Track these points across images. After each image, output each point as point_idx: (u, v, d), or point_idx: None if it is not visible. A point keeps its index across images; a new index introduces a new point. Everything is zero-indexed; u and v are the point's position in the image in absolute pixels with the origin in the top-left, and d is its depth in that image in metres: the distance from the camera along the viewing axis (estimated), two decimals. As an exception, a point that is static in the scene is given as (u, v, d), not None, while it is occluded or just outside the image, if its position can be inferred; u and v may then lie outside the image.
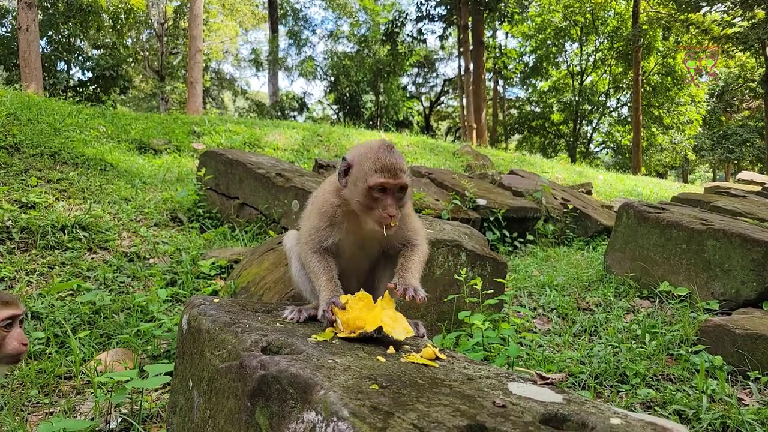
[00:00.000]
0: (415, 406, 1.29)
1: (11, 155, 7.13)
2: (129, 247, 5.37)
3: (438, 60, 42.49)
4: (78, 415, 2.76)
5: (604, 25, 34.10)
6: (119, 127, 11.86)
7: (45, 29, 22.83)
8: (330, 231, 2.18)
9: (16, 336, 1.78)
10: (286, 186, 6.02)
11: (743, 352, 3.33)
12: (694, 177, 43.41)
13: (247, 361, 1.59)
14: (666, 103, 32.53)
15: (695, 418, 2.78)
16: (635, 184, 17.24)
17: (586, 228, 8.35)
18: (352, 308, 1.93)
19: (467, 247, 3.93)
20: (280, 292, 3.45)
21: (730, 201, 8.11)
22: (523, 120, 39.89)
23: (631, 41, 27.38)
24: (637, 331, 3.97)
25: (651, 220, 5.13)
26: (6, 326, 1.75)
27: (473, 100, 27.80)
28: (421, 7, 32.40)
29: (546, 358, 3.45)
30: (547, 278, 5.56)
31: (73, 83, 25.24)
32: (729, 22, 23.48)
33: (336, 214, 2.17)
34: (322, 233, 2.18)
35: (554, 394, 1.51)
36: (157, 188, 7.85)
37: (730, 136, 28.17)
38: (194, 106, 21.64)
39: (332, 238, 2.18)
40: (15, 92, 11.63)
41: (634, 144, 27.75)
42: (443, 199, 7.46)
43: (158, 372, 2.55)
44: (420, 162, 13.84)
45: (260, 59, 39.33)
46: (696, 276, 4.59)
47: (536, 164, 17.34)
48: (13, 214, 5.25)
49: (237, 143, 12.87)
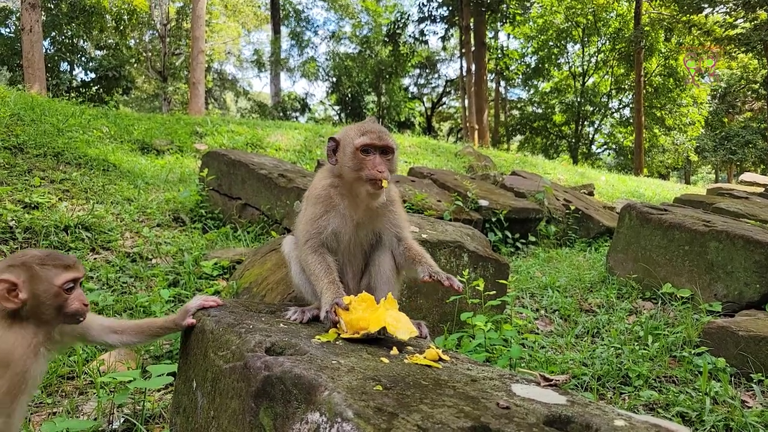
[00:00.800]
0: (419, 408, 1.29)
1: (15, 155, 7.15)
2: (131, 247, 5.37)
3: (440, 61, 42.50)
4: (81, 416, 2.77)
5: (606, 27, 34.04)
6: (122, 127, 11.88)
7: (48, 30, 22.87)
8: (328, 217, 2.25)
9: (77, 296, 1.85)
10: (289, 186, 6.02)
11: (746, 354, 3.32)
12: (697, 178, 43.34)
13: (251, 361, 1.59)
14: (668, 105, 32.47)
15: (698, 420, 2.77)
16: (637, 185, 17.22)
17: (588, 229, 8.34)
18: (355, 309, 1.93)
19: (469, 248, 3.93)
20: (283, 293, 3.45)
21: (733, 202, 8.10)
22: (525, 121, 39.83)
23: (633, 42, 27.33)
24: (639, 333, 3.96)
25: (653, 221, 5.13)
26: (68, 289, 1.82)
27: (475, 101, 27.79)
28: (423, 8, 32.40)
29: (548, 360, 3.45)
30: (550, 279, 5.56)
31: (76, 84, 25.29)
32: (731, 23, 23.42)
33: (331, 195, 2.26)
34: (321, 222, 2.25)
35: (558, 395, 1.51)
36: (159, 189, 7.87)
37: (733, 138, 28.10)
38: (197, 107, 21.67)
39: (331, 226, 2.25)
40: (18, 93, 11.67)
41: (636, 145, 27.71)
42: (445, 200, 7.46)
43: (161, 372, 2.55)
44: (422, 163, 13.84)
45: (262, 60, 39.38)
46: (699, 278, 4.58)
47: (538, 165, 17.33)
48: (16, 214, 5.27)
49: (239, 144, 12.89)
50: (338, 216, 2.25)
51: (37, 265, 1.79)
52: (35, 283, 1.77)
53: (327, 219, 2.24)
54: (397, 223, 2.30)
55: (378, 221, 2.29)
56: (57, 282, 1.79)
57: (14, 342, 1.75)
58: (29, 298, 1.76)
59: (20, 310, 1.76)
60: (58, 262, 1.83)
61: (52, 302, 1.79)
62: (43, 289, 1.78)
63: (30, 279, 1.76)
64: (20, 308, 1.76)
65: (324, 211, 2.25)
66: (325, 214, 2.25)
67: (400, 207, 2.38)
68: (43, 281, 1.78)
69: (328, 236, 2.25)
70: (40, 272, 1.78)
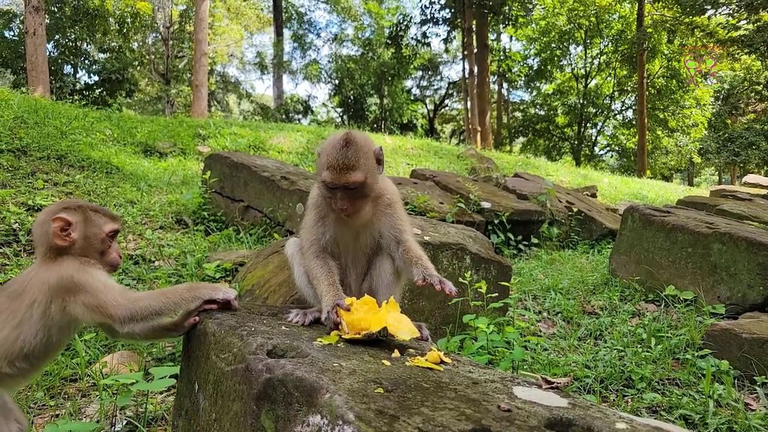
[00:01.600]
0: (420, 410, 1.29)
1: (18, 158, 7.18)
2: (134, 249, 5.39)
3: (442, 63, 42.50)
4: (83, 418, 2.77)
5: (608, 28, 34.04)
6: (125, 130, 11.91)
7: (52, 33, 22.95)
8: (324, 223, 2.26)
9: (116, 248, 2.03)
10: (291, 189, 6.03)
11: (750, 356, 3.31)
12: (700, 180, 43.26)
13: (253, 364, 1.60)
14: (671, 106, 32.42)
15: (701, 422, 2.76)
16: (640, 187, 17.19)
17: (591, 231, 8.33)
18: (356, 311, 1.94)
19: (472, 251, 3.93)
20: (285, 295, 3.45)
21: (736, 204, 8.08)
22: (527, 123, 39.83)
23: (635, 44, 27.30)
24: (642, 335, 3.95)
25: (656, 223, 5.12)
26: (111, 237, 2.00)
27: (477, 103, 27.79)
28: (426, 11, 32.43)
29: (551, 362, 3.44)
30: (552, 281, 5.55)
31: (80, 87, 25.34)
32: (734, 25, 23.36)
33: (321, 204, 2.26)
34: (319, 228, 2.26)
35: (559, 398, 1.51)
36: (162, 191, 7.88)
37: (736, 139, 27.99)
38: (199, 110, 21.73)
39: (328, 233, 2.25)
40: (22, 96, 11.71)
41: (639, 147, 27.67)
42: (447, 202, 7.46)
43: (163, 375, 2.56)
44: (424, 165, 13.84)
45: (265, 62, 39.46)
46: (702, 280, 4.57)
47: (541, 167, 17.32)
48: (20, 216, 5.28)
49: (242, 146, 12.92)
50: (333, 223, 2.25)
51: (90, 211, 1.98)
52: (87, 226, 1.95)
53: (324, 225, 2.26)
54: (395, 225, 2.28)
55: (376, 225, 2.28)
56: (105, 229, 1.99)
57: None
58: (79, 239, 1.92)
59: (68, 248, 1.91)
60: (107, 212, 2.04)
61: (98, 246, 1.97)
62: (93, 233, 1.96)
63: (83, 221, 1.94)
64: (68, 247, 1.91)
65: (319, 218, 2.26)
66: (321, 221, 2.26)
67: (400, 209, 2.35)
68: (94, 225, 1.96)
69: (328, 241, 2.26)
70: (93, 217, 1.98)
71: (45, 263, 1.90)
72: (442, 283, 2.00)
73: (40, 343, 1.84)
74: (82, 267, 1.89)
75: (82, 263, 1.90)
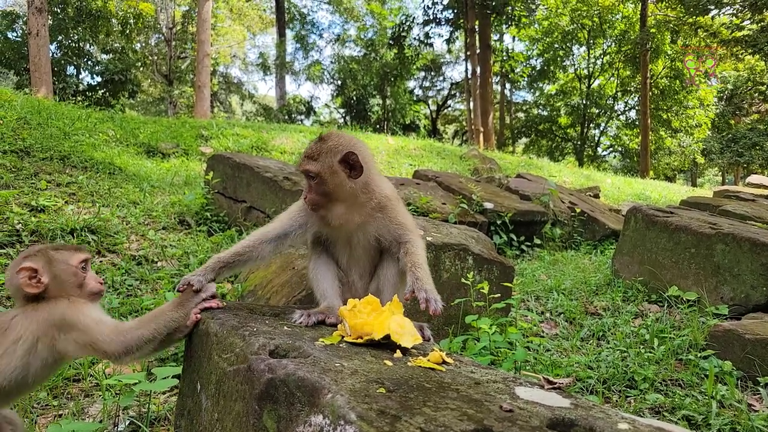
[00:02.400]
0: (422, 410, 1.29)
1: (21, 159, 7.20)
2: (137, 250, 5.40)
3: (445, 63, 42.52)
4: (86, 418, 2.78)
5: (611, 29, 33.99)
6: (128, 130, 11.94)
7: (55, 34, 23.03)
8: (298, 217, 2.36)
9: (92, 276, 2.04)
10: (294, 189, 6.03)
11: (753, 357, 3.30)
12: (703, 180, 43.13)
13: (255, 364, 1.60)
14: (674, 107, 32.36)
15: (704, 423, 2.76)
16: (643, 187, 17.15)
17: (593, 232, 8.31)
18: (360, 313, 1.92)
19: (474, 251, 3.92)
20: (287, 295, 3.46)
21: (740, 205, 8.06)
22: (530, 123, 39.80)
23: (638, 44, 27.27)
24: (645, 336, 3.94)
25: (659, 224, 5.11)
26: (83, 268, 2.01)
27: (480, 103, 27.76)
28: (428, 11, 32.40)
29: (553, 363, 3.43)
30: (555, 282, 5.54)
31: (83, 87, 25.43)
32: (738, 25, 23.32)
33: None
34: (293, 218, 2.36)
35: (562, 398, 1.51)
36: (165, 192, 7.90)
37: (740, 140, 27.91)
38: (202, 110, 21.77)
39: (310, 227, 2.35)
40: (25, 96, 11.75)
41: (643, 147, 27.62)
42: (450, 202, 7.45)
43: (166, 375, 2.57)
44: (427, 165, 13.84)
45: (268, 63, 39.52)
46: (705, 280, 4.56)
47: (543, 168, 17.30)
48: (23, 217, 5.30)
49: (244, 147, 12.93)
50: (319, 224, 2.31)
51: (52, 251, 1.98)
52: (54, 266, 1.95)
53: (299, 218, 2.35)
54: (391, 228, 2.27)
55: (370, 226, 2.27)
56: (73, 261, 1.99)
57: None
58: (50, 281, 1.93)
59: (44, 292, 1.92)
60: (69, 246, 2.06)
61: (72, 281, 1.97)
62: (62, 270, 1.96)
63: (48, 263, 1.94)
64: (42, 293, 1.91)
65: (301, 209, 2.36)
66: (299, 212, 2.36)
67: (396, 211, 2.31)
68: (60, 263, 1.97)
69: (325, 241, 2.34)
70: (56, 256, 1.98)
71: (30, 307, 1.91)
72: (427, 301, 1.96)
73: (14, 380, 1.84)
74: (72, 305, 1.91)
75: (71, 301, 1.93)
